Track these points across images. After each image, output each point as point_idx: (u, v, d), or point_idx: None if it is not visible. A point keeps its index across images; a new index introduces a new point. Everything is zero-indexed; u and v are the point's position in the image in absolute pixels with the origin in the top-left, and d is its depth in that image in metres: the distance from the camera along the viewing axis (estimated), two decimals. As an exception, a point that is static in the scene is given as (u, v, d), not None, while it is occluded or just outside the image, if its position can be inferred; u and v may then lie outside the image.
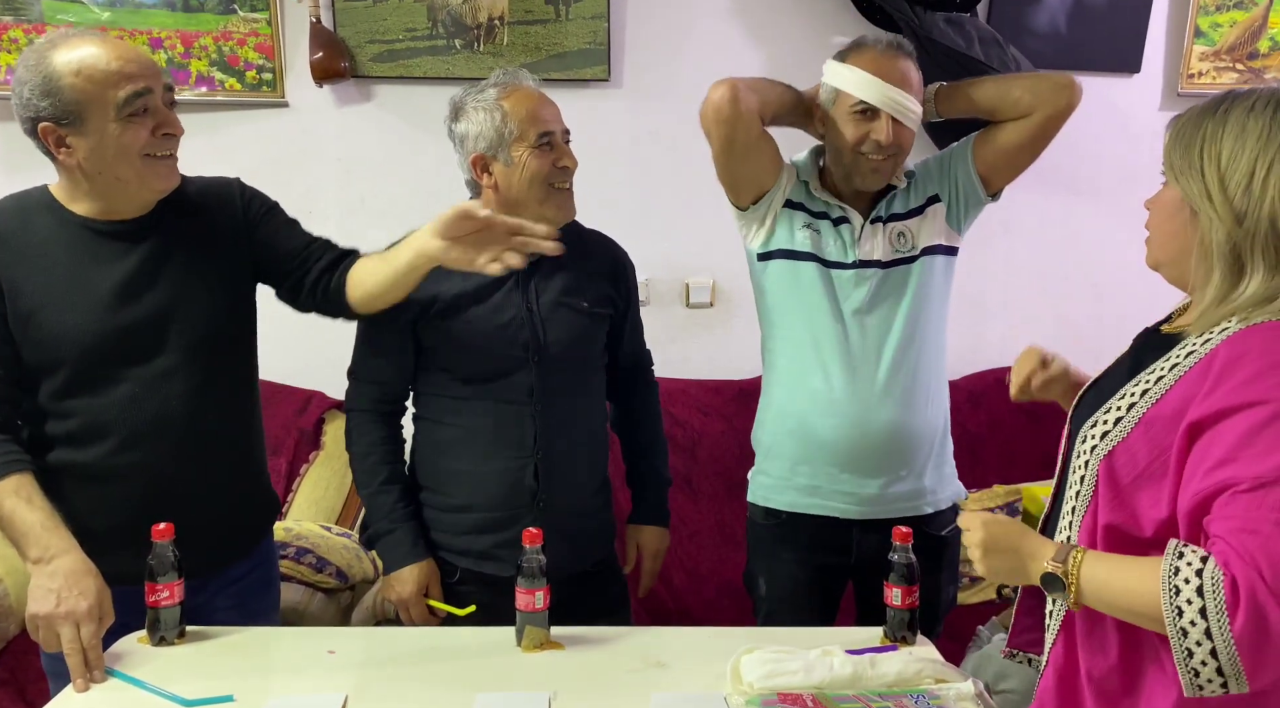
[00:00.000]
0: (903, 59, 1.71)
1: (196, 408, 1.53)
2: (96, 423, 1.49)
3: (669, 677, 1.42)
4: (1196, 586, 0.98)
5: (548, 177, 1.65)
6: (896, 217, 1.77)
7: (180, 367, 1.52)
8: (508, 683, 1.39)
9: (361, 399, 1.72)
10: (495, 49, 2.67)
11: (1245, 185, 1.07)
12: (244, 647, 1.50)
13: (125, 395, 1.49)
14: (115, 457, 1.50)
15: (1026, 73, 1.75)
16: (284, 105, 2.71)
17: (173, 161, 1.50)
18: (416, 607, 1.66)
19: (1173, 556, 1.02)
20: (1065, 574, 1.08)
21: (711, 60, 2.75)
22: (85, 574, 1.39)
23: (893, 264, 1.75)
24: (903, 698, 1.32)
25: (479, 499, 1.69)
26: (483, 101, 1.64)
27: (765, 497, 1.83)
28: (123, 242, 1.50)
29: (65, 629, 1.36)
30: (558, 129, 1.67)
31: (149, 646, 1.47)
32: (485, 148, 1.64)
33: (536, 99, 1.66)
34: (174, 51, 2.63)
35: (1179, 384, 1.09)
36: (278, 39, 2.65)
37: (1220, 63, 2.84)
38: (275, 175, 2.82)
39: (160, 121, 1.45)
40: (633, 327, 1.88)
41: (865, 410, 1.73)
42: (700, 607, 2.48)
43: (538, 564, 1.47)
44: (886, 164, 1.72)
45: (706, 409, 2.63)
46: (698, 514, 2.56)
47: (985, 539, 1.16)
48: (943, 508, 1.80)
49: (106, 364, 1.49)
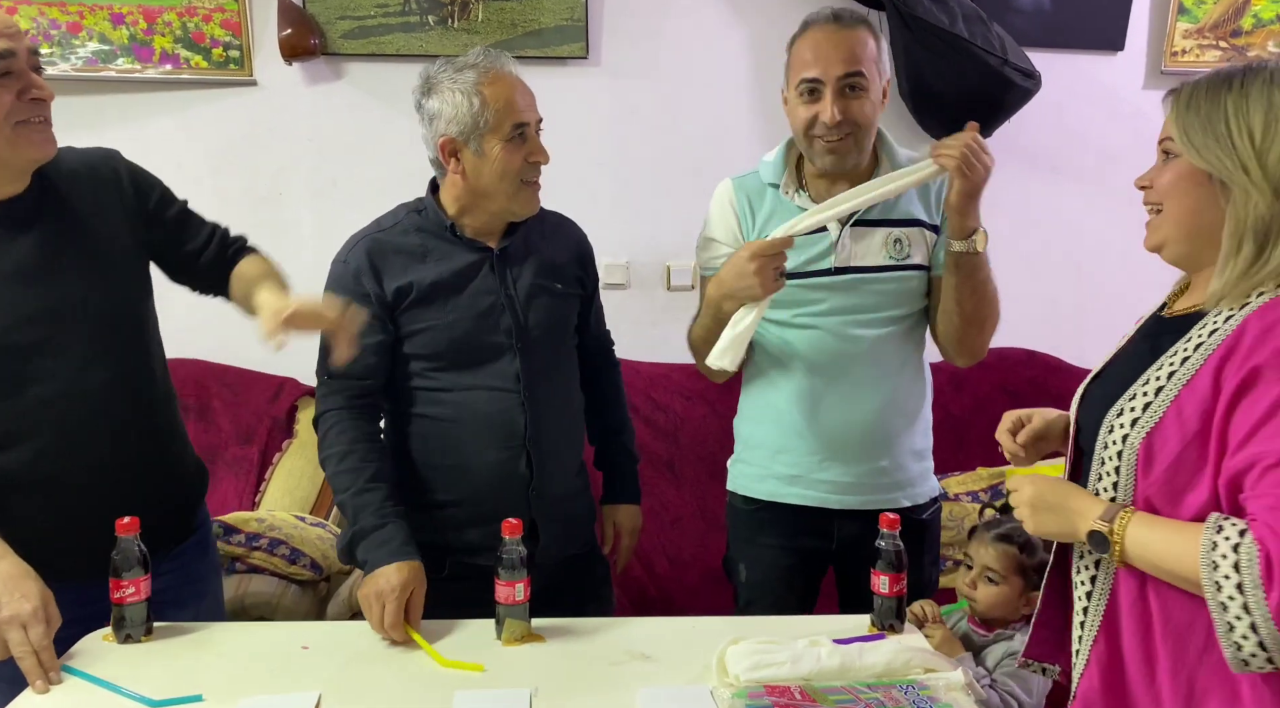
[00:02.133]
0: (844, 29, 1.63)
1: (115, 399, 1.48)
2: (13, 429, 1.43)
3: (653, 669, 1.39)
4: (1234, 561, 0.99)
5: (519, 172, 1.59)
6: (891, 222, 1.70)
7: (93, 357, 1.46)
8: (488, 678, 1.36)
9: (335, 398, 1.60)
10: (470, 26, 2.61)
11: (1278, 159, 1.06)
12: (214, 643, 1.45)
13: (41, 395, 1.43)
14: (39, 461, 1.44)
15: (989, 325, 1.71)
16: (252, 84, 2.63)
17: (46, 128, 1.41)
18: (395, 602, 1.45)
19: (1212, 529, 1.03)
20: (1111, 533, 1.10)
21: (692, 37, 2.70)
22: (24, 578, 1.34)
23: (884, 269, 1.69)
24: (891, 689, 1.30)
25: (471, 493, 1.63)
26: (461, 83, 1.56)
27: (745, 486, 1.81)
28: (9, 228, 1.42)
29: (13, 634, 1.31)
30: (533, 120, 1.60)
31: (114, 643, 1.42)
32: (457, 133, 1.56)
33: (516, 86, 1.59)
34: (136, 28, 2.55)
35: (1209, 362, 1.08)
36: (245, 15, 2.57)
37: (1204, 40, 2.82)
38: (244, 156, 2.79)
39: (25, 84, 1.36)
40: (598, 307, 1.86)
41: (845, 399, 1.70)
42: (683, 593, 2.46)
43: (518, 556, 1.44)
44: (843, 144, 1.64)
45: (689, 394, 2.60)
46: (680, 500, 2.53)
47: (1034, 496, 1.19)
48: (920, 502, 1.77)
49: (14, 361, 1.41)
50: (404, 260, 1.60)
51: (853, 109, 1.62)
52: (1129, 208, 3.02)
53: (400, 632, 1.44)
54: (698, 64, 2.71)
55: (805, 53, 1.64)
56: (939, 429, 1.86)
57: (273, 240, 2.02)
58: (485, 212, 1.63)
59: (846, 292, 1.70)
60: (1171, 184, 1.17)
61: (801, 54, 1.65)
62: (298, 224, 2.70)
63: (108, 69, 2.55)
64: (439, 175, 1.65)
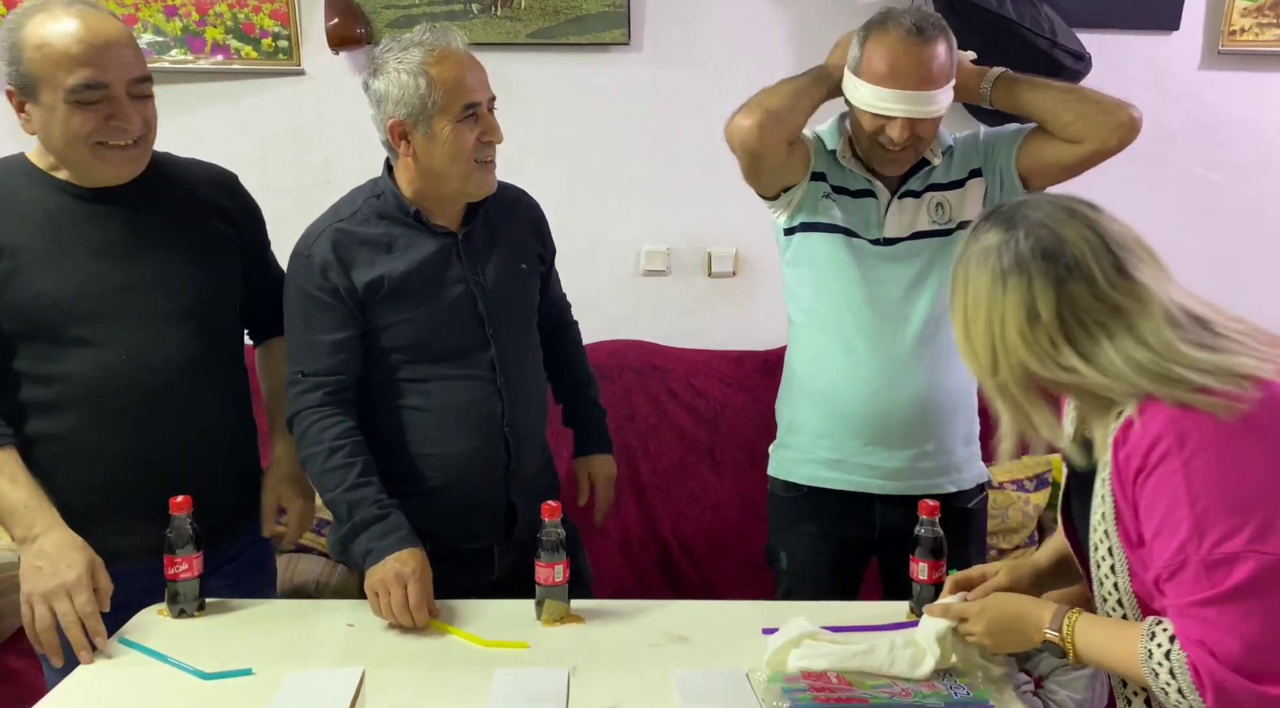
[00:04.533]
0: (924, 47, 1.57)
1: (180, 377, 1.51)
2: (76, 391, 1.46)
3: (690, 651, 1.40)
4: (1169, 668, 1.06)
5: (472, 152, 1.53)
6: (936, 186, 1.71)
7: (166, 335, 1.50)
8: (527, 657, 1.38)
9: (310, 397, 1.55)
10: (513, 13, 2.62)
11: (988, 342, 1.12)
12: (264, 620, 1.49)
13: (107, 363, 1.46)
14: (96, 425, 1.47)
15: (1088, 94, 1.63)
16: (300, 73, 2.67)
17: (129, 152, 1.45)
18: (418, 583, 1.43)
19: (1146, 637, 1.09)
20: (1062, 640, 1.18)
21: (734, 22, 2.68)
22: (72, 548, 1.38)
23: (927, 235, 1.69)
24: (932, 679, 1.29)
25: (452, 481, 1.61)
26: (406, 63, 1.50)
27: (786, 471, 1.81)
28: (106, 205, 1.48)
29: (60, 603, 1.35)
30: (484, 98, 1.54)
31: (168, 618, 1.47)
32: (405, 115, 1.50)
33: (464, 64, 1.52)
34: (189, 19, 2.60)
35: (1116, 497, 1.14)
36: (293, 5, 2.61)
37: (1264, 19, 2.73)
38: (293, 145, 2.83)
39: (113, 113, 1.41)
40: (555, 276, 1.85)
41: (891, 383, 1.69)
42: (722, 579, 2.47)
43: (557, 537, 1.45)
44: (904, 154, 1.65)
45: (729, 381, 2.60)
46: (720, 487, 2.53)
47: (988, 625, 1.27)
48: (966, 487, 1.76)
49: (86, 327, 1.45)
50: (370, 252, 1.55)
51: (919, 128, 1.61)
52: (1185, 192, 2.97)
53: (423, 613, 1.43)
54: (740, 49, 2.69)
55: (879, 61, 1.58)
56: (983, 419, 1.84)
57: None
58: (440, 194, 1.58)
59: (892, 262, 1.69)
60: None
61: (875, 59, 1.59)
62: (345, 212, 2.74)
63: (162, 60, 2.61)
64: (391, 158, 1.59)
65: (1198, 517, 1.03)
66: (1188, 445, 1.04)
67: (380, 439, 1.60)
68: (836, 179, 1.73)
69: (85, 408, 1.47)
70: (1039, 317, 1.09)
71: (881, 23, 1.61)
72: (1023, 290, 1.10)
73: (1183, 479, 1.04)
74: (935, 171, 1.71)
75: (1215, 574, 1.02)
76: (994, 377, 1.14)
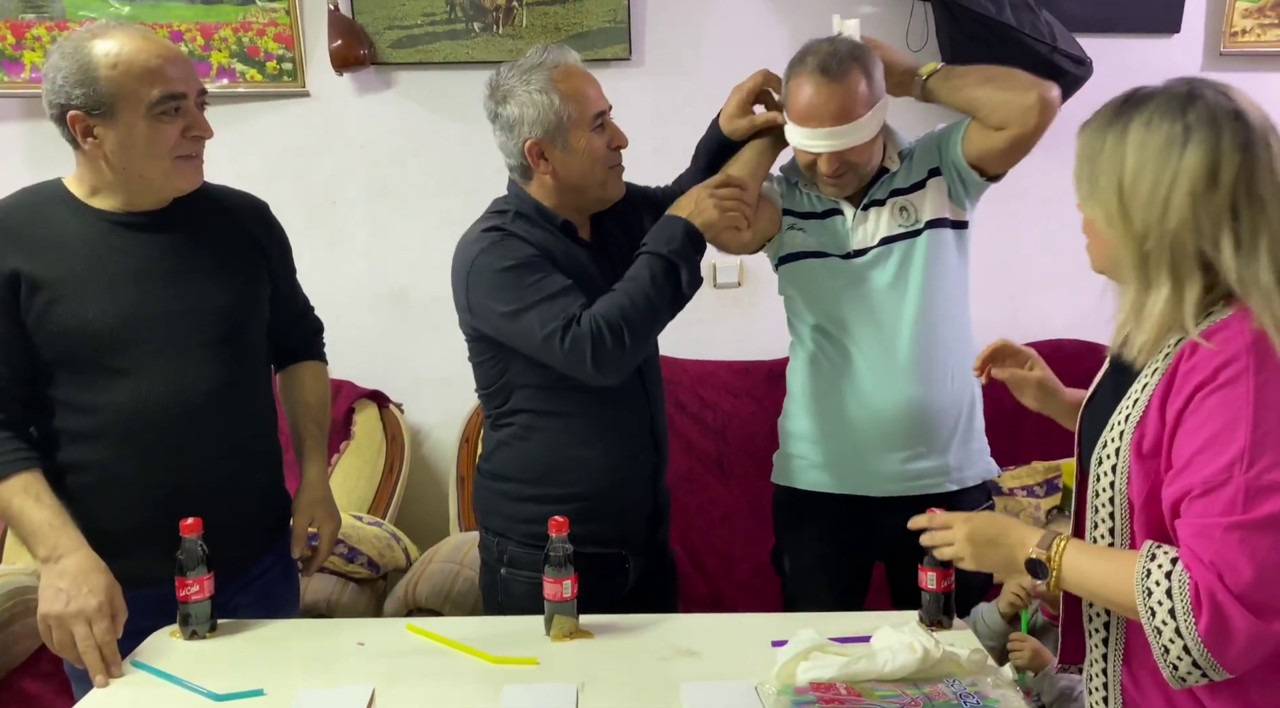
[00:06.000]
0: (833, 84, 1.60)
1: (217, 404, 1.52)
2: (116, 419, 1.47)
3: (699, 665, 1.40)
4: (1166, 588, 1.04)
5: (606, 158, 1.62)
6: (899, 192, 1.73)
7: (202, 363, 1.51)
8: (537, 673, 1.38)
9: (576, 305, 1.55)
10: (514, 31, 2.64)
11: (1149, 203, 1.07)
12: (275, 640, 1.50)
13: (145, 390, 1.47)
14: (135, 454, 1.48)
15: (1003, 81, 1.65)
16: (305, 95, 2.70)
17: (198, 162, 1.51)
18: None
19: (1145, 557, 1.07)
20: (1048, 559, 1.15)
21: (733, 36, 2.69)
22: (94, 571, 1.39)
23: (896, 239, 1.71)
24: (939, 684, 1.29)
25: (603, 485, 1.65)
26: (535, 84, 1.56)
27: (787, 477, 1.83)
28: (142, 232, 1.50)
29: (78, 628, 1.36)
30: (606, 107, 1.62)
31: (181, 640, 1.48)
32: (541, 134, 1.56)
33: (586, 77, 1.61)
34: (194, 44, 2.63)
35: (1153, 401, 1.11)
36: (297, 28, 2.64)
37: (1265, 19, 2.73)
38: (299, 165, 2.86)
39: (190, 123, 1.46)
40: None
41: (884, 388, 1.71)
42: (733, 590, 2.47)
43: (564, 553, 1.46)
44: (844, 180, 1.69)
45: (736, 391, 2.60)
46: (729, 497, 2.53)
47: (970, 531, 1.24)
48: (969, 486, 1.76)
49: (126, 356, 1.46)
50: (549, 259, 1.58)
51: (848, 156, 1.65)
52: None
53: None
54: (739, 63, 2.66)
55: (799, 100, 1.63)
56: (994, 425, 1.84)
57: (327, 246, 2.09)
58: (576, 206, 1.64)
59: (869, 270, 1.71)
60: (1085, 223, 1.19)
61: (794, 99, 1.65)
62: (351, 230, 2.76)
63: (168, 85, 2.64)
64: (522, 180, 1.64)
65: (1256, 440, 1.01)
66: (1265, 370, 1.03)
67: (521, 445, 1.66)
68: (804, 207, 1.77)
69: (124, 438, 1.48)
70: (1217, 181, 1.05)
71: (800, 60, 1.66)
72: (1207, 149, 1.05)
73: (1250, 401, 1.02)
74: (896, 177, 1.73)
75: (1254, 499, 1.01)
76: (1141, 245, 1.08)
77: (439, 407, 2.79)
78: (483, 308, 1.59)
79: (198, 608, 1.47)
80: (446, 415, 2.76)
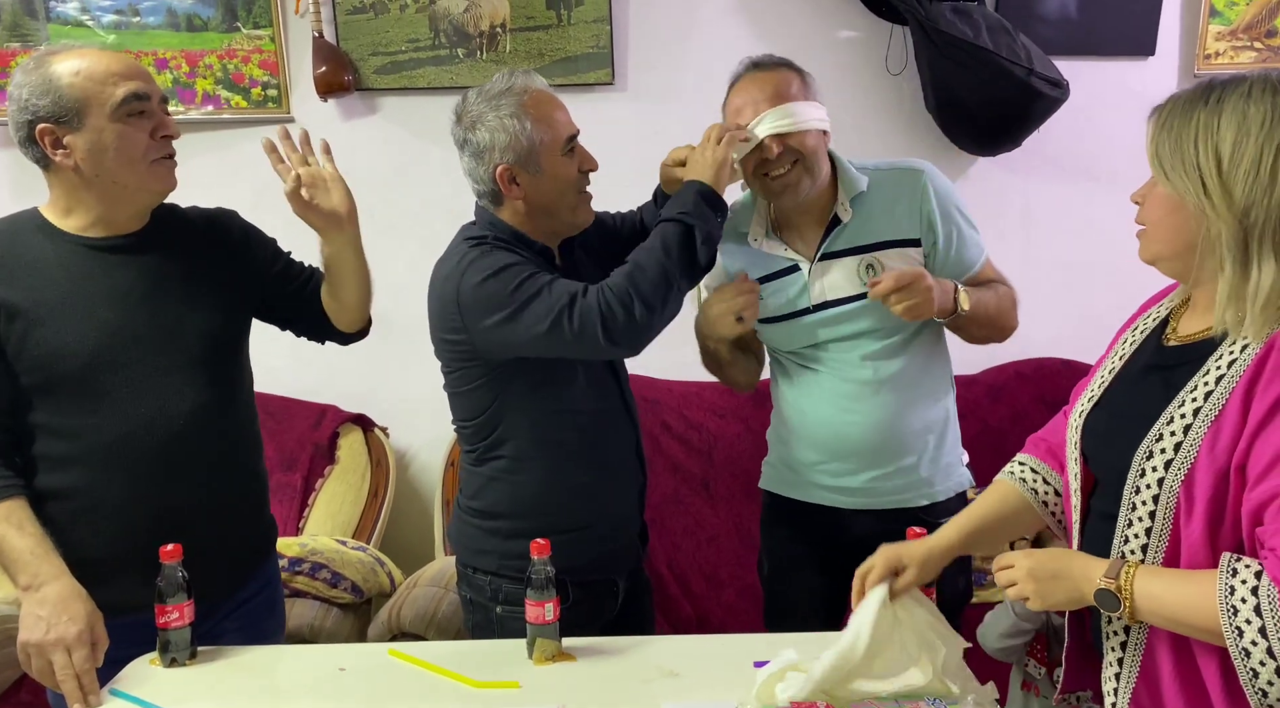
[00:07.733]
0: (764, 73, 1.67)
1: (198, 426, 1.52)
2: (97, 443, 1.47)
3: (681, 686, 1.39)
4: (1254, 605, 0.97)
5: (576, 182, 1.62)
6: (863, 248, 1.70)
7: (183, 385, 1.51)
8: (519, 697, 1.38)
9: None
10: (498, 57, 2.66)
11: (1253, 176, 1.03)
12: (255, 667, 1.49)
13: (125, 414, 1.47)
14: (116, 478, 1.48)
15: (1003, 320, 1.79)
16: (290, 121, 2.71)
17: (172, 164, 1.52)
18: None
19: (1226, 573, 1.01)
20: (1119, 589, 1.08)
21: (715, 60, 2.69)
22: (74, 599, 1.38)
23: (858, 298, 1.69)
24: (919, 702, 1.29)
25: (598, 511, 1.67)
26: (505, 109, 1.55)
27: (767, 481, 1.89)
28: (118, 255, 1.50)
29: (57, 656, 1.35)
30: (576, 131, 1.62)
31: (160, 668, 1.46)
32: (513, 159, 1.56)
33: (555, 103, 1.61)
34: (179, 71, 2.65)
35: (1234, 395, 1.05)
36: (281, 55, 2.65)
37: (1238, 42, 2.78)
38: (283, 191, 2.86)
39: (158, 124, 1.47)
40: None
41: (847, 409, 1.72)
42: (720, 612, 2.46)
43: (545, 575, 1.45)
44: (790, 175, 1.65)
45: (722, 412, 2.60)
46: (715, 518, 2.53)
47: (1033, 566, 1.15)
48: (940, 500, 1.76)
49: (106, 380, 1.46)
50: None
51: (791, 141, 1.64)
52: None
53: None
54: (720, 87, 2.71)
55: (736, 102, 1.69)
56: (977, 442, 1.85)
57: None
58: (544, 231, 1.64)
59: (830, 325, 1.72)
60: (1153, 205, 1.15)
61: (733, 105, 1.69)
62: (336, 255, 2.76)
63: (153, 112, 2.66)
64: (492, 206, 1.63)
65: None
66: None
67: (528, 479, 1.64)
68: (759, 267, 1.74)
69: (105, 462, 1.47)
70: None
71: (730, 82, 1.73)
72: None
73: None
74: (850, 227, 1.70)
75: None
76: (1243, 220, 1.04)
77: (424, 431, 2.79)
78: (480, 323, 1.54)
79: (177, 635, 1.46)
80: (432, 439, 2.76)
